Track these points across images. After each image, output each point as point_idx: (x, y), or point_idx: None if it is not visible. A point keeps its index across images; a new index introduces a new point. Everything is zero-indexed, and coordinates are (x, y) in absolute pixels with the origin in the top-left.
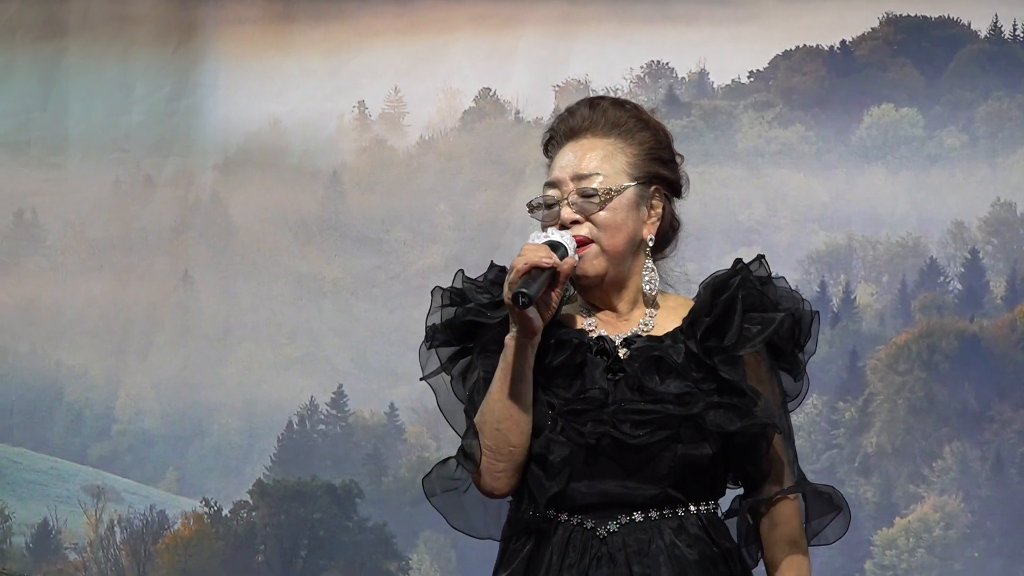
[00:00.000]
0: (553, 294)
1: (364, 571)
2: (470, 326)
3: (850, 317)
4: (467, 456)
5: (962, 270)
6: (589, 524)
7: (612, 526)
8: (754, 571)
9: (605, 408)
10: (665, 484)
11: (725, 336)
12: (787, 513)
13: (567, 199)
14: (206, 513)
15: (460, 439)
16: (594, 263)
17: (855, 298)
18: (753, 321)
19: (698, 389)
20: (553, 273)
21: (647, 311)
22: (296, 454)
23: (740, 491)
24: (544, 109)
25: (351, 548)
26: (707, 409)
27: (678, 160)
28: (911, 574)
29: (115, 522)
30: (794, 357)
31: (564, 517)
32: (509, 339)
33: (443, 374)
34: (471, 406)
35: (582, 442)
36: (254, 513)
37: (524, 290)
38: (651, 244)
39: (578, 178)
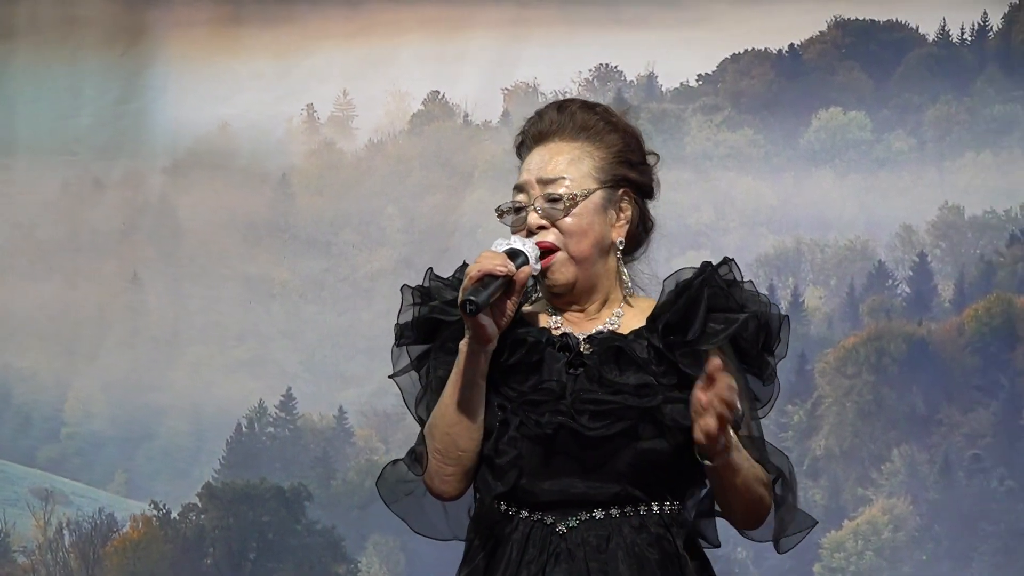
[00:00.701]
0: (508, 302)
1: (313, 574)
2: (434, 324)
3: (798, 320)
4: (415, 460)
5: (910, 273)
6: (549, 520)
7: (571, 522)
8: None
9: (562, 399)
10: (625, 482)
11: (688, 332)
12: None
13: (533, 205)
14: (155, 516)
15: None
16: (563, 271)
17: (803, 301)
18: (717, 320)
19: (658, 383)
20: (508, 281)
21: (615, 311)
22: (245, 457)
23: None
24: (493, 112)
25: (300, 551)
26: (666, 403)
27: (651, 161)
28: None
29: (64, 525)
30: (761, 360)
31: (524, 513)
32: (462, 345)
33: (411, 372)
34: (423, 407)
35: (540, 433)
36: (203, 516)
37: (472, 298)
38: (621, 247)
39: (543, 183)
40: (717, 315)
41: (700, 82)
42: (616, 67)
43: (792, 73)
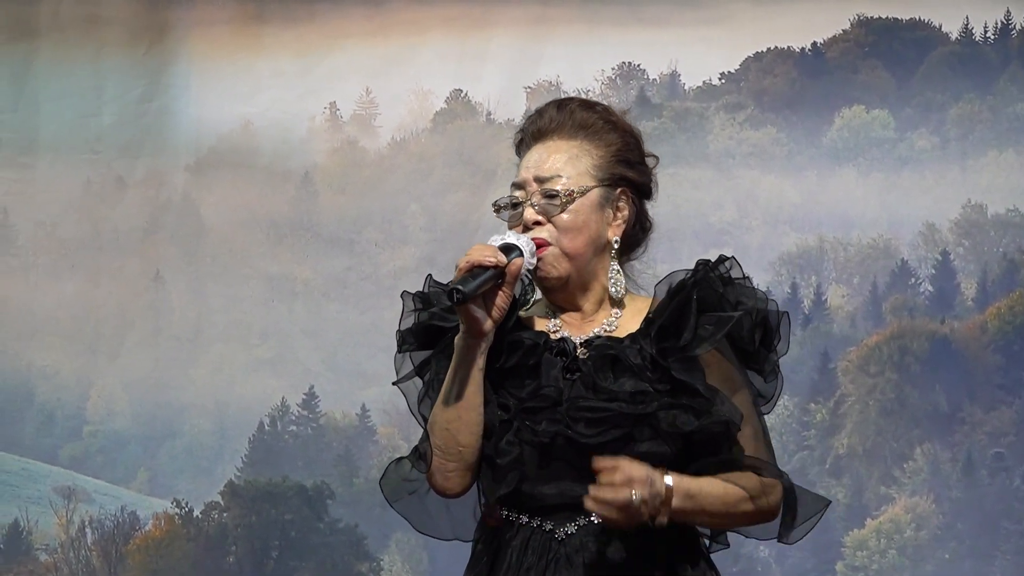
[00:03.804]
0: (500, 294)
1: (335, 572)
2: (434, 330)
3: (821, 319)
4: (419, 457)
5: (933, 272)
6: (548, 526)
7: (570, 528)
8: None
9: (559, 406)
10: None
11: (680, 337)
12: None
13: (530, 200)
14: (177, 514)
15: None
16: (555, 265)
17: (826, 300)
18: (710, 321)
19: (653, 389)
20: (500, 273)
21: (612, 312)
22: (267, 455)
23: None
24: (515, 111)
25: (322, 549)
26: (661, 409)
27: (650, 162)
28: (882, 575)
29: (86, 523)
30: (761, 356)
31: (524, 519)
32: (458, 340)
33: (415, 378)
34: (425, 407)
35: (536, 441)
36: (225, 514)
37: (459, 287)
38: (616, 246)
39: (541, 180)
40: (710, 316)
41: (723, 80)
42: (639, 65)
43: (815, 71)
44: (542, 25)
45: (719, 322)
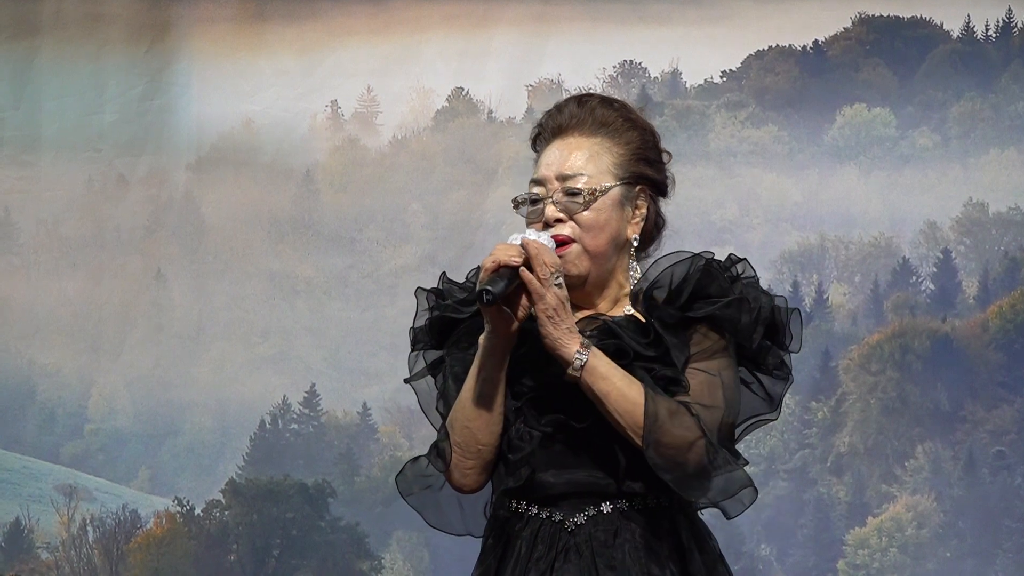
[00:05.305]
0: (524, 294)
1: (337, 570)
2: (447, 324)
3: (823, 317)
4: (438, 455)
5: (934, 270)
6: (557, 517)
7: (580, 518)
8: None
9: (565, 396)
10: (631, 474)
11: (674, 304)
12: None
13: (552, 197)
14: (178, 512)
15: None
16: (577, 263)
17: (828, 298)
18: (710, 301)
19: (643, 355)
20: None
21: (626, 309)
22: (269, 453)
23: None
24: (517, 109)
25: (324, 547)
26: (658, 383)
27: (665, 159)
28: (884, 573)
29: (87, 521)
30: (762, 351)
31: (534, 510)
32: (482, 339)
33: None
34: (442, 403)
35: (539, 431)
36: (226, 512)
37: (489, 288)
38: (635, 244)
39: (563, 177)
40: (711, 299)
41: (724, 79)
42: (640, 63)
43: (816, 70)
44: (543, 23)
45: (720, 295)
